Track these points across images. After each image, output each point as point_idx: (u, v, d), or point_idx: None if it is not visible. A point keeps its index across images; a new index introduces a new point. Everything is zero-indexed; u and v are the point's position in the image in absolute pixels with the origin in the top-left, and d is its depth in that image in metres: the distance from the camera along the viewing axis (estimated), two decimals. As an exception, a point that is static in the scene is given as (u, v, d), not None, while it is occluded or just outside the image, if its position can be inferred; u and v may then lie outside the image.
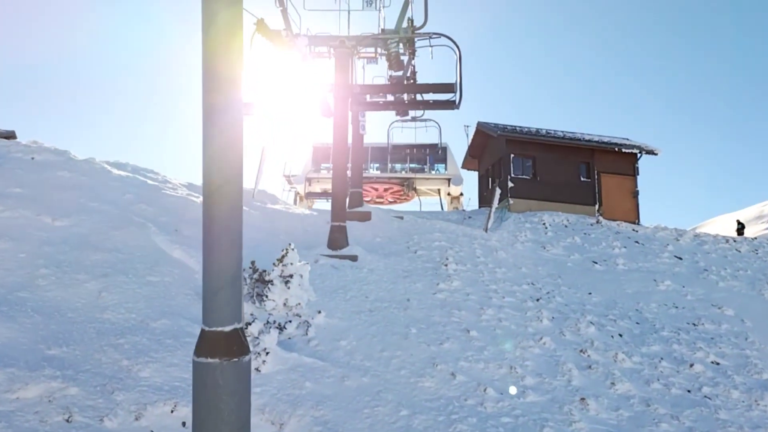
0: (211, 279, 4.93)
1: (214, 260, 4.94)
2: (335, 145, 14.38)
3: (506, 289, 13.51)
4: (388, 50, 14.43)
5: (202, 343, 4.92)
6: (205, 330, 4.94)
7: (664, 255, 19.55)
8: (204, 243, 4.99)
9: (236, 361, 4.91)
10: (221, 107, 4.82)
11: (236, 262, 5.06)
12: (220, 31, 4.79)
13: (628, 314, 13.76)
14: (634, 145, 25.28)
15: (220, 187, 4.89)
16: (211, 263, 4.94)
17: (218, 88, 4.79)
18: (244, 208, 16.73)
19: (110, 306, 9.50)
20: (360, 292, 11.72)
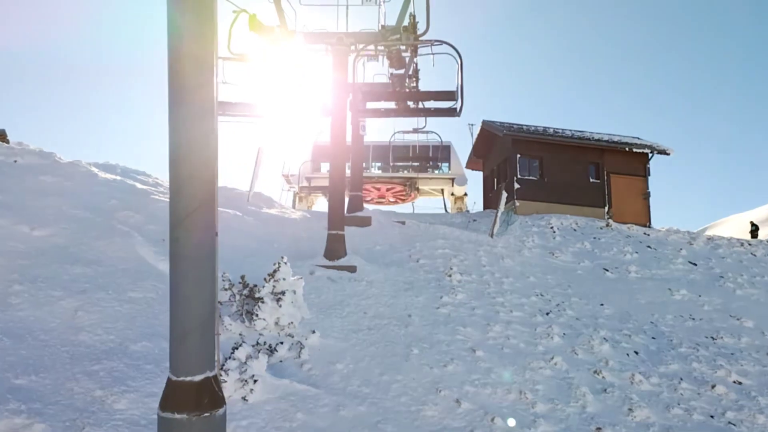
0: (178, 320, 4.29)
1: (183, 298, 4.29)
2: (333, 147, 13.73)
3: (514, 301, 12.85)
4: (389, 47, 13.76)
5: (169, 395, 4.28)
6: (172, 379, 4.30)
7: (678, 261, 18.88)
8: (171, 277, 4.34)
9: (207, 416, 4.27)
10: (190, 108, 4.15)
11: (209, 300, 4.41)
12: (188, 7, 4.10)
13: (643, 328, 13.10)
14: (646, 145, 24.57)
15: (190, 215, 4.24)
16: (178, 301, 4.29)
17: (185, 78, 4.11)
18: (237, 214, 16.18)
19: (86, 326, 8.89)
20: (358, 308, 11.07)
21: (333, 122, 13.71)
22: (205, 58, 4.14)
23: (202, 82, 4.14)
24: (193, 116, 4.12)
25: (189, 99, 4.08)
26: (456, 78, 11.84)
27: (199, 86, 4.12)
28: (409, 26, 12.70)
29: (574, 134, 24.87)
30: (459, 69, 11.74)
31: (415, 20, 12.71)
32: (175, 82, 4.09)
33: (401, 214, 22.89)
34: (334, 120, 13.66)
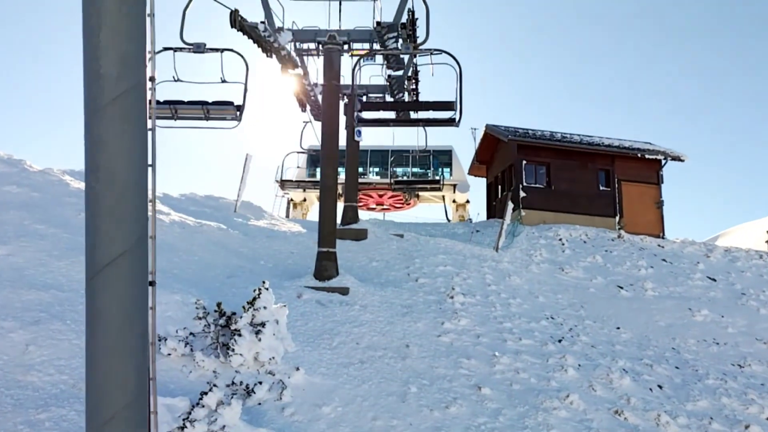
0: (96, 405, 3.27)
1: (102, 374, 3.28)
2: (324, 154, 12.75)
3: (523, 327, 11.84)
4: (386, 47, 12.78)
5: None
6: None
7: (696, 276, 17.91)
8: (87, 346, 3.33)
9: None
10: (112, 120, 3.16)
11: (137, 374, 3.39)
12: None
13: (664, 355, 12.11)
14: (659, 151, 23.58)
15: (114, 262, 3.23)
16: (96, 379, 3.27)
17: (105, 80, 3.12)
18: (221, 227, 15.17)
19: (37, 364, 7.87)
20: (350, 337, 10.06)
21: (324, 127, 12.72)
22: (133, 53, 3.16)
23: (129, 85, 3.15)
24: (115, 130, 3.13)
25: (110, 108, 3.09)
26: (455, 88, 11.26)
27: (125, 90, 3.13)
28: (408, 23, 11.75)
29: (582, 139, 23.87)
30: (458, 79, 11.22)
31: (414, 16, 11.76)
32: (92, 86, 3.11)
33: (399, 224, 21.92)
34: (325, 124, 12.67)
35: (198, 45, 11.66)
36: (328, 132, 12.52)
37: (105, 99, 3.14)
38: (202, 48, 11.65)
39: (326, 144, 12.50)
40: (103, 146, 3.16)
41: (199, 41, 11.64)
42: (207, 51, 11.65)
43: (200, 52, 11.61)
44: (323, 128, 12.74)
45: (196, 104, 11.98)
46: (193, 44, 11.69)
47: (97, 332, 3.28)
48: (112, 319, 3.26)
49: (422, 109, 13.00)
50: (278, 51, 12.71)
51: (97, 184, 3.18)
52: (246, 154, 17.82)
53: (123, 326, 3.30)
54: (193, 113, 12.09)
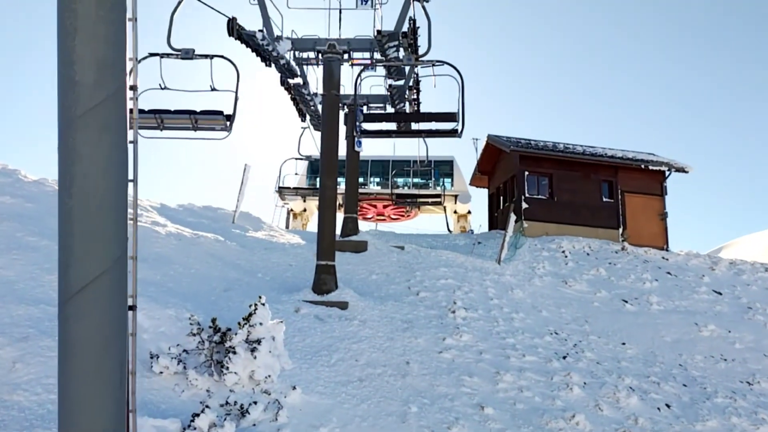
0: None
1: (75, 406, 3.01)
2: (323, 166, 12.51)
3: (526, 343, 11.55)
4: (387, 56, 12.57)
5: None
6: None
7: (701, 289, 17.62)
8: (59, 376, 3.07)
9: None
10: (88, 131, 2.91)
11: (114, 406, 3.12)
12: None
13: (671, 372, 11.81)
14: (662, 162, 23.34)
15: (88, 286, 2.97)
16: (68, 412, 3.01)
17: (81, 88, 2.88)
18: (219, 238, 14.91)
19: (24, 383, 7.60)
20: (348, 354, 9.78)
21: (323, 138, 12.49)
22: (111, 59, 2.92)
23: (107, 93, 2.91)
24: (91, 141, 2.89)
25: (86, 118, 2.85)
26: (457, 99, 11.22)
27: (103, 99, 2.89)
28: (409, 32, 11.55)
29: (585, 150, 23.64)
30: (460, 90, 11.11)
31: (415, 25, 11.56)
32: (67, 94, 2.87)
33: (400, 236, 21.66)
34: (324, 135, 12.44)
35: (186, 51, 11.12)
36: (328, 143, 12.29)
37: (80, 108, 2.91)
38: (191, 54, 11.13)
39: (326, 155, 12.26)
40: (77, 159, 2.93)
41: (189, 47, 11.11)
42: (196, 57, 11.16)
43: (188, 58, 11.10)
44: (323, 139, 12.52)
45: (183, 114, 11.41)
46: (181, 50, 11.13)
47: (71, 362, 3.02)
48: (87, 348, 3.01)
49: (424, 121, 12.82)
50: (277, 60, 12.52)
51: (71, 200, 2.94)
52: (245, 164, 17.58)
53: (99, 355, 3.05)
54: (180, 123, 11.53)
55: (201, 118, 11.41)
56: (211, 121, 11.38)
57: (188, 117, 11.35)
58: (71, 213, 2.96)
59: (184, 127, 11.50)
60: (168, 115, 11.33)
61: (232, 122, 11.41)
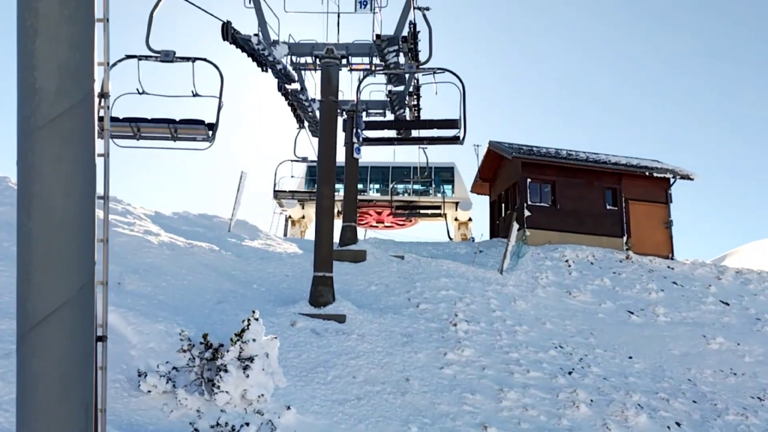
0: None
1: None
2: (320, 172, 12.20)
3: (530, 357, 11.21)
4: (386, 61, 12.28)
5: None
6: None
7: (708, 300, 17.29)
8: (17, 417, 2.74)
9: None
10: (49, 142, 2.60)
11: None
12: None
13: (680, 388, 11.47)
14: (667, 169, 23.02)
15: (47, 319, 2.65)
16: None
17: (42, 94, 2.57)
18: (213, 248, 14.57)
19: (5, 402, 7.24)
20: (346, 370, 9.44)
21: (321, 145, 12.18)
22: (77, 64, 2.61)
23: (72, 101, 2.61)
24: (53, 155, 2.58)
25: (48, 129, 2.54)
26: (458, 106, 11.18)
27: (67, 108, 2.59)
28: (409, 36, 11.26)
29: (589, 157, 23.32)
30: (462, 97, 11.09)
31: (415, 29, 11.28)
32: (26, 102, 2.56)
33: (400, 244, 21.32)
34: (322, 143, 12.13)
35: (166, 53, 10.32)
36: (326, 150, 11.98)
37: (41, 118, 2.60)
38: (171, 57, 10.29)
39: (323, 163, 11.95)
40: (37, 176, 2.62)
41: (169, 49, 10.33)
42: (176, 60, 10.33)
43: (169, 61, 10.28)
44: (320, 146, 12.22)
45: (161, 122, 10.39)
46: (161, 52, 10.27)
47: (30, 401, 2.70)
48: (47, 387, 2.69)
49: (426, 128, 12.65)
50: (273, 65, 12.21)
51: (30, 222, 2.62)
52: (241, 171, 17.26)
53: (61, 394, 2.73)
54: (158, 132, 10.53)
55: (181, 127, 10.43)
56: (192, 130, 10.42)
57: (166, 126, 10.38)
58: (30, 236, 2.65)
59: (162, 136, 10.61)
60: (144, 123, 10.37)
61: (214, 132, 10.39)
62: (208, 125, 10.39)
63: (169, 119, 10.37)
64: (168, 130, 10.42)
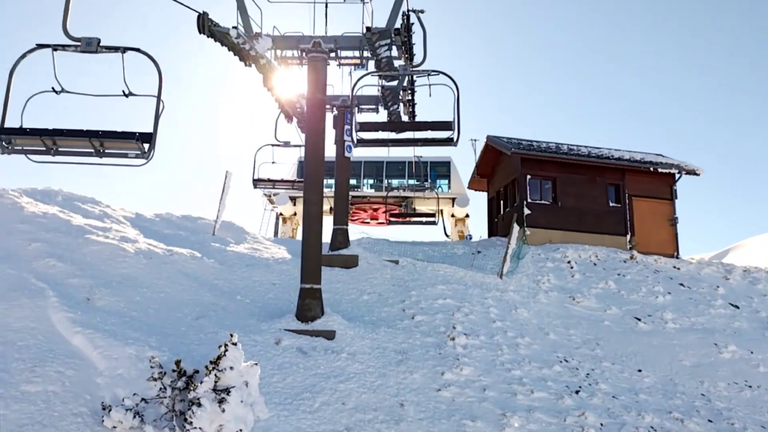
0: None
1: None
2: (307, 177, 11.43)
3: (534, 375, 10.53)
4: (377, 55, 11.52)
5: None
6: None
7: (717, 303, 16.68)
8: None
9: None
10: None
11: None
12: None
13: (694, 405, 10.82)
14: (672, 164, 22.33)
15: None
16: None
17: None
18: (195, 254, 13.78)
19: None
20: (335, 395, 8.72)
21: (308, 146, 11.42)
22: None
23: None
24: None
25: None
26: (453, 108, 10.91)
27: None
28: (402, 29, 10.52)
29: (591, 152, 22.62)
30: (456, 100, 10.83)
31: (409, 21, 10.55)
32: None
33: (394, 244, 20.58)
34: (309, 144, 11.37)
35: (88, 41, 8.31)
36: (313, 152, 11.21)
37: None
38: (95, 46, 8.33)
39: (311, 166, 11.18)
40: None
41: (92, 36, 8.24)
42: (101, 51, 8.37)
43: (91, 51, 8.33)
44: (307, 147, 11.45)
45: (80, 135, 8.30)
46: (82, 40, 8.29)
47: None
48: None
49: (420, 129, 12.13)
50: (257, 60, 11.42)
51: None
52: (226, 171, 16.46)
53: None
54: (78, 147, 8.50)
55: (107, 141, 8.38)
56: (121, 143, 8.36)
57: (87, 140, 8.32)
58: None
59: (84, 152, 8.54)
60: (60, 137, 8.33)
61: (152, 145, 8.28)
62: (142, 137, 8.33)
63: (91, 131, 8.31)
64: (90, 143, 8.39)
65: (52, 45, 8.34)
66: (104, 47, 8.40)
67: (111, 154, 8.60)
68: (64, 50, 8.39)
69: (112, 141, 8.38)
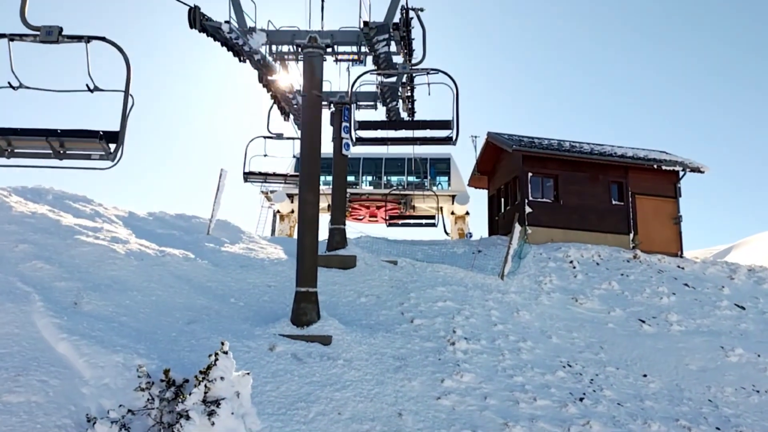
0: None
1: None
2: (303, 176, 11.11)
3: (537, 381, 10.25)
4: (375, 50, 11.20)
5: None
6: None
7: (723, 304, 16.42)
8: None
9: None
10: None
11: None
12: None
13: (701, 411, 10.55)
14: (676, 161, 22.01)
15: None
16: None
17: None
18: (188, 255, 13.48)
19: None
20: (330, 405, 8.44)
21: (303, 145, 11.10)
22: None
23: None
24: None
25: None
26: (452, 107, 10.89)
27: None
28: (401, 23, 10.21)
29: (593, 149, 22.29)
30: (455, 99, 10.81)
31: (408, 16, 10.24)
32: None
33: (393, 243, 20.30)
34: (304, 143, 11.05)
35: (48, 30, 7.56)
36: (309, 152, 10.89)
37: None
38: (55, 34, 7.55)
39: (307, 166, 10.86)
40: None
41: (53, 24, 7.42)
42: (64, 41, 7.60)
43: (52, 41, 7.55)
44: (303, 145, 11.13)
45: (36, 135, 7.55)
46: (41, 29, 7.54)
47: None
48: None
49: (419, 128, 11.92)
50: (251, 55, 11.11)
51: None
52: (220, 169, 16.14)
53: None
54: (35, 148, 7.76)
55: (68, 140, 7.62)
56: (83, 143, 7.61)
57: (44, 139, 7.55)
58: None
59: (42, 153, 7.74)
60: (14, 136, 7.57)
61: (119, 145, 7.53)
62: (107, 136, 7.56)
63: (49, 130, 7.54)
64: (48, 144, 7.62)
65: (8, 35, 7.59)
66: (66, 36, 7.62)
67: (72, 155, 7.82)
68: (22, 40, 7.62)
69: (73, 141, 7.62)
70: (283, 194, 28.11)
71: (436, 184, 29.09)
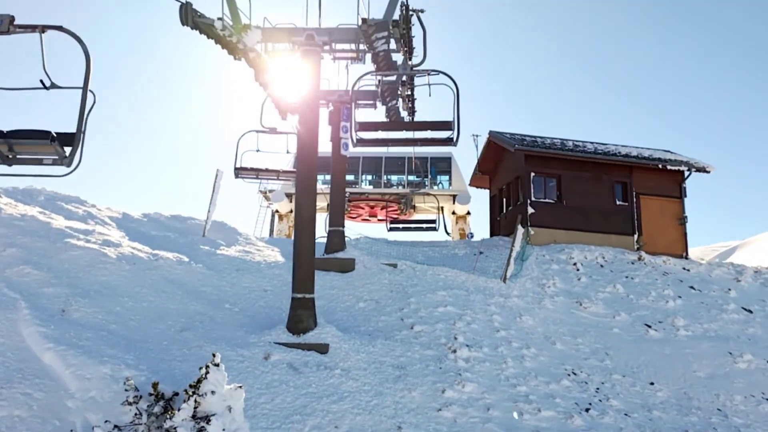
0: None
1: None
2: (300, 178, 10.80)
3: (541, 390, 9.96)
4: (374, 48, 10.89)
5: None
6: None
7: (730, 307, 16.12)
8: None
9: None
10: None
11: None
12: None
13: (711, 421, 10.27)
14: (681, 161, 21.69)
15: None
16: None
17: None
18: (183, 259, 13.18)
19: None
20: (327, 418, 8.14)
21: (300, 146, 10.80)
22: None
23: None
24: None
25: None
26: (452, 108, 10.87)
27: None
28: (401, 20, 9.90)
29: (597, 148, 21.98)
30: (455, 100, 10.79)
31: (408, 12, 9.94)
32: None
33: (393, 244, 20.02)
34: (301, 144, 10.74)
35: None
36: (306, 153, 10.57)
37: None
38: (6, 24, 6.72)
39: (303, 169, 10.55)
40: None
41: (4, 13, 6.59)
42: (16, 31, 6.79)
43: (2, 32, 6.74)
44: (299, 147, 10.83)
45: None
46: None
47: None
48: None
49: (419, 129, 11.72)
50: (245, 53, 10.79)
51: None
52: (216, 170, 15.83)
53: None
54: None
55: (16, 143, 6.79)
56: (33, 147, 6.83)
57: None
58: None
59: None
60: None
61: (75, 148, 6.70)
62: (60, 138, 6.75)
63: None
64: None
65: None
66: (19, 26, 6.82)
67: (23, 161, 7.00)
68: None
69: (21, 144, 6.81)
70: (282, 194, 27.79)
71: (437, 183, 28.79)
